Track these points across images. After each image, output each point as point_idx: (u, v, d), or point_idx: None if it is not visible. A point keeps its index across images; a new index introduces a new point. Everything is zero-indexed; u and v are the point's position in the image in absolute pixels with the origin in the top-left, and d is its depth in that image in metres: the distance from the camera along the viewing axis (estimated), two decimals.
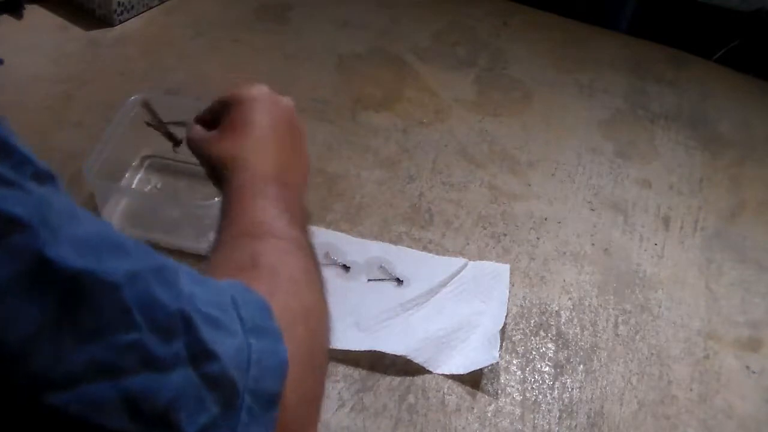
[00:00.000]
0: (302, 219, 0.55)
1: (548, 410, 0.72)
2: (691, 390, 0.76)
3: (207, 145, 0.60)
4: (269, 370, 0.35)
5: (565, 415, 0.71)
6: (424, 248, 0.85)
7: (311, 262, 0.49)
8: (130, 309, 0.29)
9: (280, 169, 0.58)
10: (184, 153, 0.91)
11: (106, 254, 0.30)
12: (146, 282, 0.30)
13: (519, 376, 0.74)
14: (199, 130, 0.63)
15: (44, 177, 0.30)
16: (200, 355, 0.31)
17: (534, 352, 0.77)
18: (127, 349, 0.29)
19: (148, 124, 0.83)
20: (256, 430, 0.33)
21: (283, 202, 0.54)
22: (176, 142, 0.84)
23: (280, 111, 0.63)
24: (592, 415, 0.72)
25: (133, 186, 0.87)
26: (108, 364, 0.28)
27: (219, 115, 0.63)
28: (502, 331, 0.76)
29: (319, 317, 0.45)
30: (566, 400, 0.73)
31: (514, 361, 0.75)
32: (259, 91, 0.63)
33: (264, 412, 0.34)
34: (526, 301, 0.82)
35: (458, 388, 0.72)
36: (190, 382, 0.31)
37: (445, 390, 0.72)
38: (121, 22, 1.13)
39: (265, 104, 0.62)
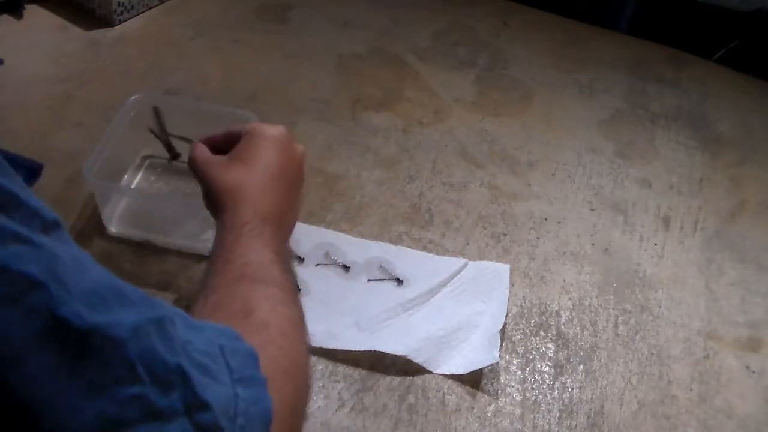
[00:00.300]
0: (288, 260, 0.57)
1: (548, 410, 0.72)
2: (691, 390, 0.76)
3: (212, 169, 0.61)
4: (255, 418, 0.37)
5: (565, 415, 0.71)
6: (424, 248, 0.85)
7: (299, 311, 0.52)
8: (134, 364, 0.31)
9: (279, 210, 0.60)
10: (186, 152, 0.91)
11: (113, 304, 0.32)
12: (148, 336, 0.33)
13: (519, 376, 0.74)
14: (205, 151, 0.64)
15: (51, 226, 0.32)
16: (195, 405, 0.34)
17: (534, 352, 0.77)
18: (132, 401, 0.31)
19: (151, 131, 0.83)
20: None
21: (278, 244, 0.56)
22: (174, 156, 0.85)
23: (291, 155, 0.64)
24: (592, 415, 0.72)
25: (133, 186, 0.87)
26: (115, 416, 0.30)
27: (230, 143, 0.64)
28: (502, 331, 0.76)
29: (303, 370, 0.47)
30: (566, 400, 0.73)
31: (514, 361, 0.75)
32: (278, 131, 0.63)
33: None
34: (526, 301, 0.82)
35: (458, 388, 0.72)
36: (185, 431, 0.33)
37: (445, 390, 0.72)
38: (121, 22, 1.13)
39: (280, 145, 0.63)
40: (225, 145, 0.64)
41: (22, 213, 0.31)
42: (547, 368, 0.75)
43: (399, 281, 0.80)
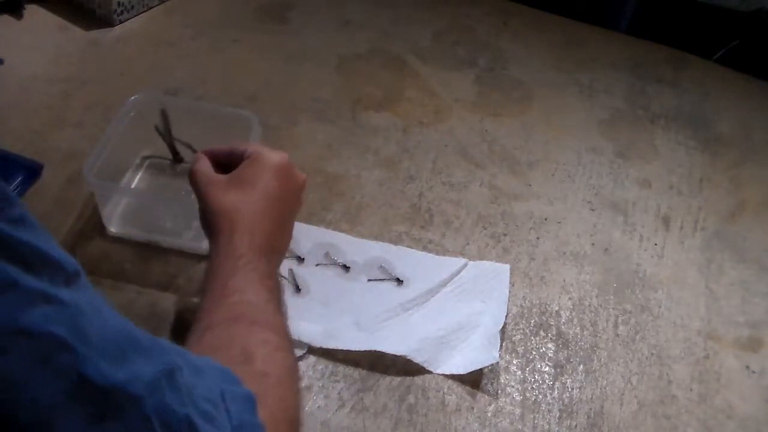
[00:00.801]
0: (279, 292, 0.59)
1: (548, 410, 0.72)
2: (691, 390, 0.76)
3: (212, 188, 0.62)
4: None
5: (565, 415, 0.71)
6: (424, 248, 0.85)
7: (292, 356, 0.53)
8: (150, 418, 0.34)
9: (274, 238, 0.61)
10: (186, 152, 0.91)
11: (130, 353, 0.35)
12: (161, 390, 0.35)
13: (519, 376, 0.74)
14: (206, 166, 0.64)
15: (72, 277, 0.35)
16: None
17: (534, 352, 0.77)
18: None
19: (157, 130, 0.83)
20: None
21: (272, 273, 0.59)
22: (177, 160, 0.85)
23: (291, 183, 0.65)
24: (592, 415, 0.72)
25: (133, 186, 0.87)
26: None
27: (232, 161, 0.64)
28: (502, 331, 0.76)
29: (296, 421, 0.49)
30: (566, 400, 0.73)
31: (514, 361, 0.75)
32: (280, 158, 0.64)
33: None
34: (526, 301, 0.82)
35: (458, 388, 0.72)
36: None
37: (445, 390, 0.72)
38: (121, 22, 1.13)
39: (281, 173, 0.63)
40: (227, 161, 0.65)
41: (48, 268, 0.33)
42: (547, 368, 0.75)
43: (399, 281, 0.80)
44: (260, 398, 0.44)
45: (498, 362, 0.74)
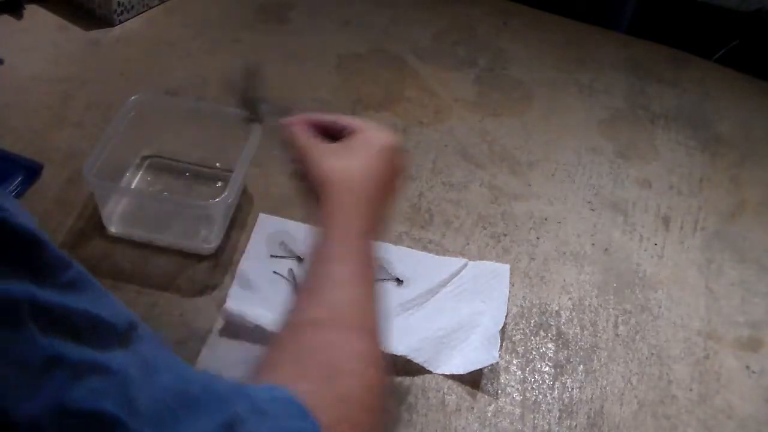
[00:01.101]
0: (375, 276, 0.54)
1: (548, 410, 0.72)
2: (691, 390, 0.76)
3: (317, 151, 0.58)
4: None
5: (565, 415, 0.71)
6: (424, 248, 0.85)
7: (382, 372, 0.47)
8: None
9: (376, 221, 0.57)
10: (186, 152, 0.91)
11: (182, 414, 0.33)
12: None
13: (519, 376, 0.74)
14: (309, 134, 0.60)
15: (126, 333, 0.34)
16: None
17: (534, 352, 0.77)
18: None
19: (237, 89, 0.73)
20: None
21: (374, 261, 0.53)
22: (255, 119, 0.75)
23: (398, 167, 0.60)
24: (592, 415, 0.72)
25: (133, 186, 0.87)
26: None
27: (331, 134, 0.61)
28: (502, 331, 0.76)
29: None
30: (566, 400, 0.73)
31: (514, 361, 0.75)
32: (392, 139, 0.60)
33: None
34: (526, 301, 0.82)
35: (458, 388, 0.72)
36: None
37: (445, 390, 0.72)
38: (121, 22, 1.13)
39: (389, 153, 0.59)
40: (326, 131, 0.61)
41: (99, 333, 0.32)
42: (547, 368, 0.75)
43: (399, 281, 0.80)
44: (335, 423, 0.40)
45: (498, 362, 0.74)
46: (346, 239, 0.53)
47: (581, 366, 0.76)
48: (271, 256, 0.81)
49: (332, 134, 0.61)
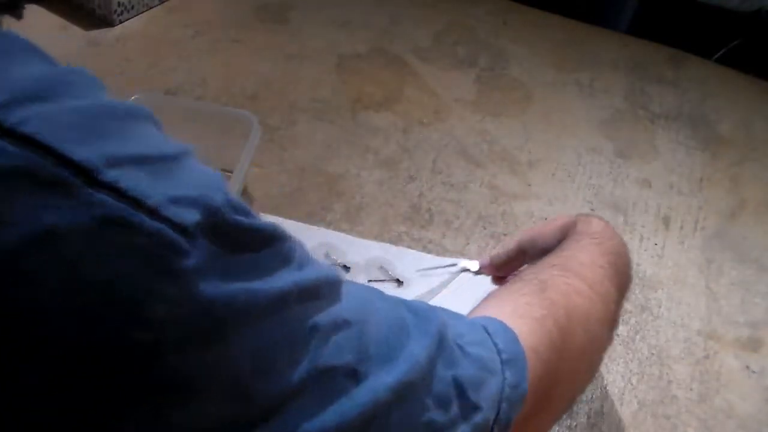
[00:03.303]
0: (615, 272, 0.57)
1: None
2: (691, 390, 0.76)
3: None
4: (513, 400, 0.41)
5: (565, 415, 0.71)
6: (424, 248, 0.85)
7: (593, 308, 0.51)
8: (428, 395, 0.36)
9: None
10: None
11: (402, 344, 0.36)
12: (434, 366, 0.37)
13: None
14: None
15: (340, 282, 0.37)
16: (470, 409, 0.38)
17: None
18: (422, 428, 0.36)
19: None
20: None
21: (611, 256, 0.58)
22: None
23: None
24: (592, 415, 0.72)
25: None
26: None
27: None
28: None
29: (580, 358, 0.49)
30: None
31: None
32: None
33: None
34: None
35: None
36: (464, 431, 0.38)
37: None
38: (121, 22, 1.13)
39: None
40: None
41: (331, 290, 0.35)
42: None
43: (399, 282, 0.80)
44: (540, 321, 0.45)
45: None
46: (587, 236, 0.59)
47: None
48: None
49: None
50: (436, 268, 0.82)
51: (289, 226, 0.84)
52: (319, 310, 0.33)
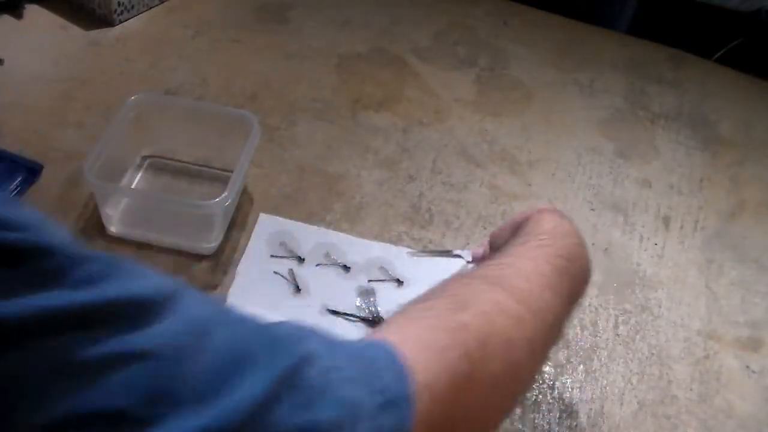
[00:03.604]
0: (563, 274, 0.52)
1: (548, 410, 0.72)
2: (691, 390, 0.76)
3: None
4: None
5: (565, 415, 0.71)
6: (424, 248, 0.85)
7: (520, 330, 0.44)
8: None
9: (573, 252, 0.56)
10: (186, 152, 0.91)
11: (238, 376, 0.31)
12: (271, 406, 0.31)
13: None
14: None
15: (164, 305, 0.32)
16: None
17: None
18: None
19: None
20: None
21: (560, 260, 0.52)
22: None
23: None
24: (592, 415, 0.72)
25: (133, 186, 0.87)
26: None
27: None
28: None
29: (492, 390, 0.42)
30: (566, 400, 0.73)
31: None
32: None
33: None
34: None
35: None
36: None
37: None
38: (121, 22, 1.13)
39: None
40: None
41: (125, 316, 0.30)
42: (547, 368, 0.75)
43: (399, 282, 0.80)
44: (444, 350, 0.38)
45: None
46: (536, 236, 0.54)
47: (581, 366, 0.76)
48: (272, 256, 0.81)
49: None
50: (431, 251, 0.83)
51: (290, 227, 0.84)
52: (100, 339, 0.28)
